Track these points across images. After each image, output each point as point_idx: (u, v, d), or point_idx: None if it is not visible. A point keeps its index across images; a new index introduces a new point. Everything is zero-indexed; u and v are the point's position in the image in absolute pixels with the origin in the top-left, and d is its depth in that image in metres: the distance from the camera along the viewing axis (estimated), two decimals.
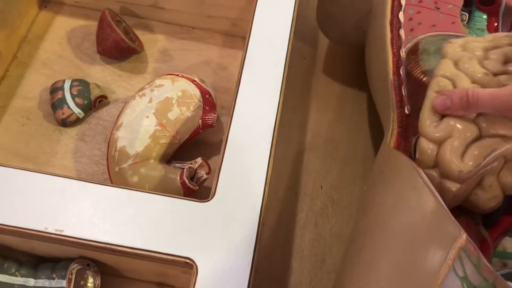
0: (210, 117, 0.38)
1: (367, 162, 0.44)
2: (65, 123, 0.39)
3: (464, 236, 0.26)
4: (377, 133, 0.45)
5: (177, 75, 0.38)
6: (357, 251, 0.30)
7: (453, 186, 0.30)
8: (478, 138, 0.31)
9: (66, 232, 0.28)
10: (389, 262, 0.27)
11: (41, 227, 0.28)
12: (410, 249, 0.27)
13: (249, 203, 0.31)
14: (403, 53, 0.39)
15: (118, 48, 0.42)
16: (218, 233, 0.29)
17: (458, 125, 0.31)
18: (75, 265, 0.30)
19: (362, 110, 0.47)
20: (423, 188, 0.28)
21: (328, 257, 0.39)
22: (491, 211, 0.32)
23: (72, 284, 0.29)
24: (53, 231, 0.28)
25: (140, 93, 0.37)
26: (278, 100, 0.35)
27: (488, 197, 0.31)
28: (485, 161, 0.30)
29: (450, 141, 0.31)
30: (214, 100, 0.39)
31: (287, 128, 0.45)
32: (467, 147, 0.31)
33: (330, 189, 0.43)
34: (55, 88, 0.40)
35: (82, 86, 0.40)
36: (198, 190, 0.35)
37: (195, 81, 0.38)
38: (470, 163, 0.30)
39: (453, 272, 0.25)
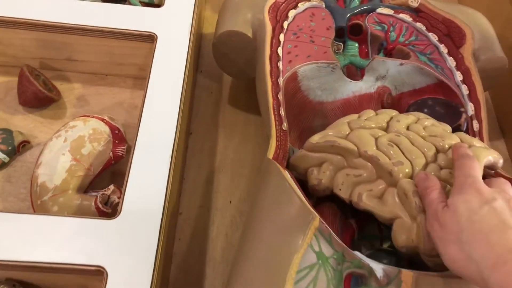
0: (120, 149, 0.43)
1: None
2: None
3: (317, 218, 0.33)
4: None
5: (89, 116, 0.44)
6: (242, 244, 0.35)
7: None
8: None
9: None
10: (263, 248, 0.33)
11: None
12: (279, 236, 0.33)
13: (151, 217, 0.36)
14: (280, 82, 0.46)
15: (37, 98, 0.47)
16: (124, 244, 0.35)
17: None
18: (1, 286, 0.34)
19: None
20: (289, 189, 0.35)
21: None
22: (314, 190, 0.38)
23: None
24: None
25: (56, 134, 0.43)
26: (175, 127, 0.42)
27: (317, 178, 0.38)
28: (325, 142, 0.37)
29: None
30: (124, 134, 0.45)
31: (198, 154, 0.52)
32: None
33: (238, 203, 0.49)
34: None
35: (5, 134, 0.45)
36: (112, 212, 0.41)
37: (104, 119, 0.44)
38: (317, 138, 0.38)
39: (310, 248, 0.32)
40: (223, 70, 0.54)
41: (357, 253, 0.32)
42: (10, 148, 0.44)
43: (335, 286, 0.31)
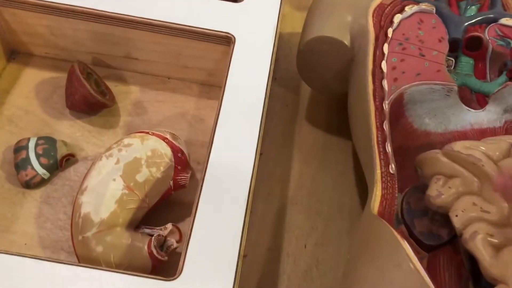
0: (182, 177, 0.35)
1: (354, 217, 0.42)
2: (28, 185, 0.37)
3: None
4: (364, 184, 0.43)
5: (147, 133, 0.36)
6: None
7: None
8: None
9: None
10: None
11: None
12: None
13: (220, 280, 0.28)
14: (386, 106, 0.37)
15: (87, 103, 0.40)
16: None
17: None
18: None
19: (347, 159, 0.45)
20: (408, 265, 0.26)
21: None
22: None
23: None
24: None
25: (107, 153, 0.35)
26: (254, 154, 0.33)
27: (439, 190, 0.30)
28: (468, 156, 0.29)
29: None
30: (188, 158, 0.36)
31: (268, 180, 0.43)
32: None
33: (314, 248, 0.40)
34: (19, 147, 0.37)
35: (48, 144, 0.38)
36: (168, 259, 0.33)
37: (166, 138, 0.36)
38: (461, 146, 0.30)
39: None
40: (306, 82, 0.45)
41: None
42: (51, 162, 0.37)
43: None
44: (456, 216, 0.28)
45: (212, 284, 0.28)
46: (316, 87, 0.45)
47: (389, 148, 0.34)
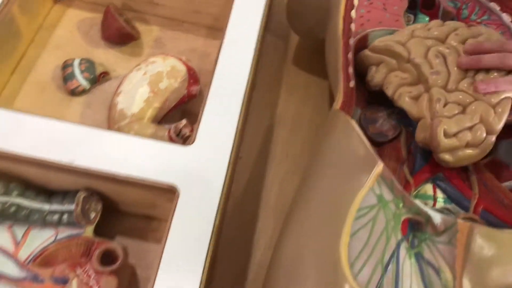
0: (194, 88, 0.46)
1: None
2: (74, 93, 0.48)
3: (381, 165, 0.35)
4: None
5: (167, 55, 0.47)
6: (303, 182, 0.38)
7: None
8: None
9: (77, 163, 0.36)
10: (325, 186, 0.35)
11: (57, 159, 0.36)
12: (342, 177, 0.35)
13: (221, 149, 0.39)
14: (351, 42, 0.47)
15: (119, 34, 0.50)
16: (196, 169, 0.37)
17: None
18: (82, 192, 0.38)
19: (324, 95, 0.56)
20: (355, 134, 0.37)
21: None
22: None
23: (79, 207, 0.37)
24: (67, 162, 0.36)
25: (137, 68, 0.46)
26: (247, 77, 0.44)
27: (372, 75, 0.45)
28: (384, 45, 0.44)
29: None
30: (198, 76, 0.47)
31: (260, 106, 0.54)
32: None
33: (294, 157, 0.51)
34: (66, 65, 0.48)
35: (88, 64, 0.48)
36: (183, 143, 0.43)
37: (182, 59, 0.46)
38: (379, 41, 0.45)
39: (371, 191, 0.34)
40: (293, 28, 0.56)
41: (416, 201, 0.34)
42: (91, 76, 0.48)
43: (393, 227, 0.32)
44: (387, 88, 0.42)
45: (217, 153, 0.39)
46: (300, 32, 0.56)
47: (351, 70, 0.45)
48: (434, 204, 0.41)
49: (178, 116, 0.48)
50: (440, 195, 0.41)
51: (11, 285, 0.34)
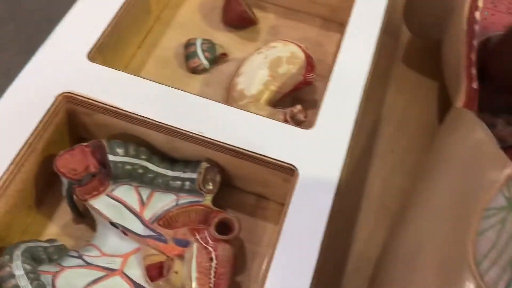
0: (310, 75, 0.47)
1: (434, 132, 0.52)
2: (194, 71, 0.50)
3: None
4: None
5: (288, 41, 0.48)
6: (420, 182, 0.37)
7: None
8: None
9: (204, 134, 0.38)
10: (449, 181, 0.35)
11: (186, 128, 0.38)
12: (467, 174, 0.35)
13: (340, 132, 0.40)
14: (475, 43, 0.46)
15: (240, 18, 0.52)
16: (315, 152, 0.38)
17: None
18: (205, 163, 0.40)
19: (434, 98, 0.55)
20: (484, 131, 0.36)
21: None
22: None
23: (201, 176, 0.39)
24: (196, 131, 0.38)
25: (258, 51, 0.47)
26: (369, 66, 0.44)
27: None
28: None
29: None
30: (314, 64, 0.48)
31: (368, 101, 0.53)
32: None
33: (400, 153, 0.51)
34: (189, 44, 0.51)
35: (209, 44, 0.51)
36: None
37: (301, 46, 0.47)
38: None
39: (500, 192, 0.33)
40: (408, 25, 0.55)
41: None
42: (212, 57, 0.50)
43: None
44: None
45: (336, 138, 0.39)
46: (415, 31, 0.56)
47: (473, 71, 0.44)
48: None
49: (290, 102, 0.49)
50: None
51: (137, 241, 0.37)
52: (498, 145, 0.42)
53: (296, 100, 0.50)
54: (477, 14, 0.49)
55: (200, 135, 0.38)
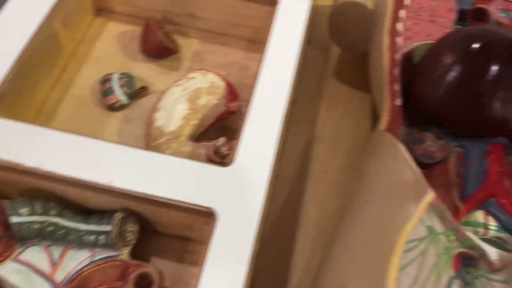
0: (233, 105, 0.45)
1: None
2: (112, 108, 0.47)
3: (432, 194, 0.33)
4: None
5: (207, 70, 0.46)
6: (346, 208, 0.36)
7: None
8: None
9: (115, 184, 0.36)
10: (371, 215, 0.33)
11: (95, 179, 0.36)
12: (389, 205, 0.33)
13: (261, 167, 0.38)
14: (397, 57, 0.45)
15: (159, 48, 0.50)
16: (235, 191, 0.36)
17: None
18: (119, 213, 0.37)
19: (365, 110, 0.54)
20: (403, 158, 0.35)
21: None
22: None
23: (116, 228, 0.37)
24: (105, 182, 0.36)
25: (176, 83, 0.45)
26: (287, 93, 0.42)
27: None
28: None
29: None
30: (237, 92, 0.46)
31: (300, 122, 0.52)
32: None
33: (334, 174, 0.49)
34: (105, 79, 0.48)
35: (127, 78, 0.48)
36: (220, 163, 0.42)
37: (221, 75, 0.45)
38: None
39: (421, 222, 0.32)
40: (334, 41, 0.54)
41: (470, 234, 0.32)
42: (130, 91, 0.47)
43: (444, 262, 0.30)
44: None
45: (256, 174, 0.37)
46: (342, 45, 0.54)
47: (396, 87, 0.43)
48: (485, 233, 0.38)
49: (216, 132, 0.47)
50: (492, 223, 0.38)
51: None
52: (428, 160, 0.41)
53: (223, 129, 0.48)
54: (399, 26, 0.48)
55: (110, 186, 0.36)
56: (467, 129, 0.43)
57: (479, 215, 0.39)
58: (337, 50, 0.58)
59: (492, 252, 0.30)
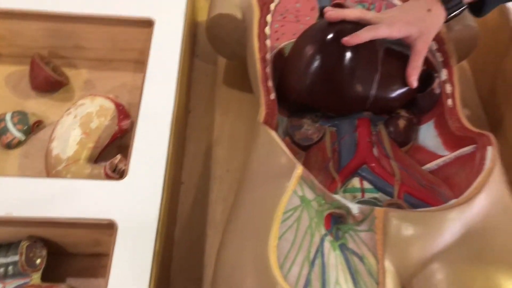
0: (125, 123, 0.48)
1: None
2: (10, 146, 0.49)
3: (301, 168, 0.37)
4: None
5: (95, 95, 0.48)
6: (236, 195, 0.40)
7: None
8: None
9: (16, 214, 0.37)
10: (254, 195, 0.37)
11: None
12: (268, 184, 0.37)
13: (154, 177, 0.41)
14: (268, 57, 0.50)
15: (48, 82, 0.52)
16: (132, 201, 0.39)
17: None
18: (24, 242, 0.39)
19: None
20: (277, 145, 0.39)
21: None
22: None
23: (23, 257, 0.38)
24: (4, 214, 0.37)
25: (67, 112, 0.47)
26: (173, 103, 0.46)
27: None
28: None
29: None
30: (127, 111, 0.49)
31: (197, 130, 0.56)
32: None
33: (235, 171, 0.53)
34: None
35: (21, 115, 0.50)
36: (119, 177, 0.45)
37: (109, 97, 0.48)
38: None
39: (294, 193, 0.36)
40: (217, 51, 0.59)
41: (336, 196, 0.36)
42: (25, 127, 0.49)
43: (316, 223, 0.35)
44: None
45: (150, 184, 0.40)
46: (225, 54, 0.59)
47: (270, 83, 0.48)
48: (362, 195, 0.44)
49: (115, 151, 0.49)
50: (367, 186, 0.44)
51: None
52: (300, 149, 0.46)
53: (122, 148, 0.50)
54: (267, 29, 0.53)
55: (10, 217, 0.37)
56: (335, 110, 0.49)
57: (355, 182, 0.44)
58: (223, 60, 0.63)
59: (354, 208, 0.35)
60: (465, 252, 0.34)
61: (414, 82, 0.46)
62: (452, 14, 0.45)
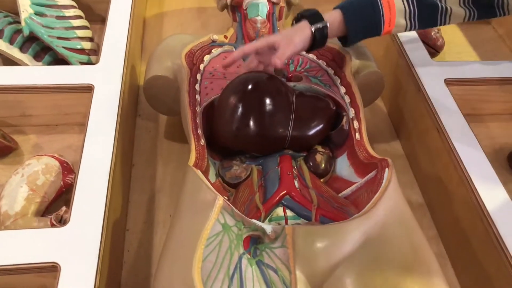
0: (69, 178, 0.52)
1: None
2: None
3: (221, 198, 0.42)
4: None
5: (41, 155, 0.53)
6: (169, 231, 0.44)
7: None
8: None
9: None
10: (183, 227, 0.42)
11: None
12: (194, 217, 0.42)
13: (94, 224, 0.45)
14: (198, 109, 0.57)
15: None
16: (73, 245, 0.43)
17: None
18: None
19: None
20: (199, 180, 0.45)
21: None
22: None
23: None
24: None
25: (15, 172, 0.52)
26: (111, 158, 0.51)
27: None
28: None
29: None
30: (72, 167, 0.54)
31: (141, 181, 0.61)
32: None
33: None
34: None
35: None
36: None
37: (54, 156, 0.53)
38: None
39: (217, 221, 0.41)
40: (156, 109, 0.65)
41: (253, 220, 0.42)
42: None
43: (236, 245, 0.40)
44: None
45: (90, 227, 0.45)
46: (163, 111, 0.65)
47: (199, 131, 0.54)
48: (286, 222, 0.49)
49: (62, 203, 0.54)
50: (290, 214, 0.49)
51: None
52: (235, 181, 0.52)
53: (69, 201, 0.54)
54: (197, 86, 0.60)
55: None
56: (259, 151, 0.55)
57: (279, 211, 0.50)
58: (164, 117, 0.69)
59: (268, 228, 0.41)
60: (365, 257, 0.39)
61: (277, 63, 0.53)
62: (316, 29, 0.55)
